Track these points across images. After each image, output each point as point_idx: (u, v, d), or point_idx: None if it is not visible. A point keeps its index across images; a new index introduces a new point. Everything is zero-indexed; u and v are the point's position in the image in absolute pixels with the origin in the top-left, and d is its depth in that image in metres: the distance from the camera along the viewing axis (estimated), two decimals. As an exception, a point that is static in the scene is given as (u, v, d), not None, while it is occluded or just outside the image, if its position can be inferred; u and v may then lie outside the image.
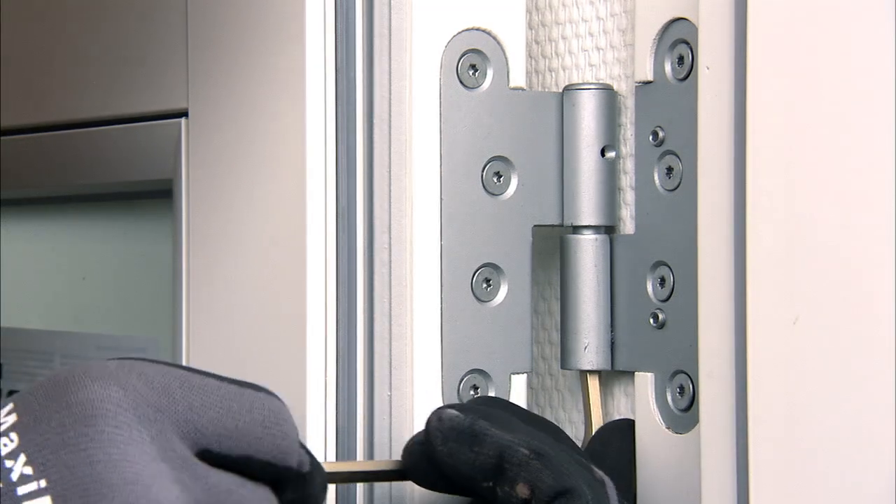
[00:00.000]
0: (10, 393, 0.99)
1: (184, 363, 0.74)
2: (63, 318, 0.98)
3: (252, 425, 0.52)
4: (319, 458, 0.65)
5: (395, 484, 0.64)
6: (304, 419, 0.66)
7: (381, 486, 0.64)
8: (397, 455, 0.63)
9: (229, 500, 0.52)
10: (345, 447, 0.66)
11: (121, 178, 0.83)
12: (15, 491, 0.48)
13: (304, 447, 0.55)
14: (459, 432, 0.57)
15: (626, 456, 0.64)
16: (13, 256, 1.00)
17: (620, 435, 0.64)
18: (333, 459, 0.66)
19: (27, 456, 0.49)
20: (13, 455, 0.49)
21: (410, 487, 0.63)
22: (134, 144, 0.80)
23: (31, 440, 0.49)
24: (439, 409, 0.58)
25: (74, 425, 0.49)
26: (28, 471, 0.48)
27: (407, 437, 0.61)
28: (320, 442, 0.66)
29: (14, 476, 0.48)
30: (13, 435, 0.49)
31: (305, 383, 0.66)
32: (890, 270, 0.52)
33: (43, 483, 0.48)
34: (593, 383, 0.66)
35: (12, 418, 0.50)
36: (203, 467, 0.51)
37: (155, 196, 0.84)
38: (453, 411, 0.57)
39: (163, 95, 0.76)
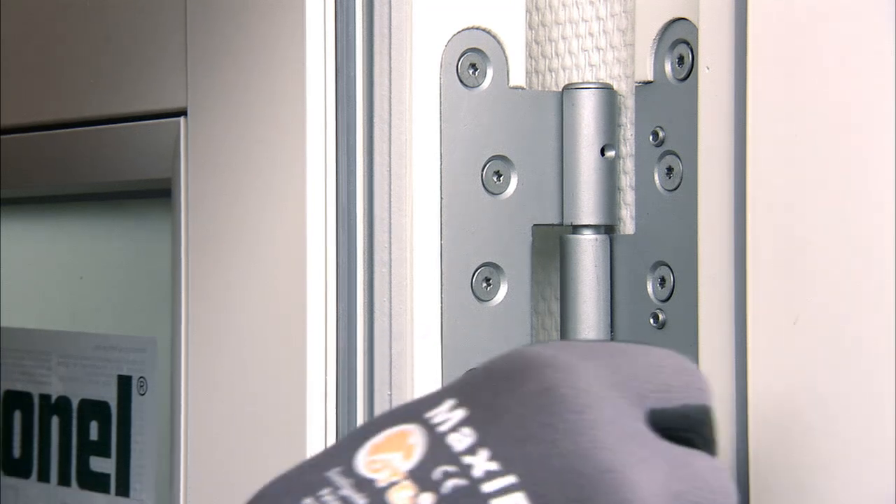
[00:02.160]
0: (8, 393, 0.99)
1: (183, 363, 0.74)
2: (61, 317, 0.98)
3: (678, 374, 0.49)
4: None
5: None
6: (304, 419, 0.66)
7: None
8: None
9: (686, 472, 0.48)
10: (344, 447, 0.66)
11: (119, 178, 0.83)
12: (479, 488, 0.45)
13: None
14: None
15: None
16: (11, 255, 1.00)
17: None
18: None
19: (490, 451, 0.46)
20: (471, 450, 0.46)
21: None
22: (133, 143, 0.79)
23: (491, 434, 0.46)
24: None
25: (536, 416, 0.46)
26: (493, 466, 0.45)
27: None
28: (320, 441, 0.66)
29: (477, 472, 0.46)
30: (467, 430, 0.47)
31: (305, 383, 0.66)
32: (890, 270, 0.52)
33: (513, 479, 0.45)
34: (593, 383, 0.66)
35: (461, 413, 0.47)
36: (659, 440, 0.48)
37: (154, 195, 0.84)
38: None
39: (162, 94, 0.76)
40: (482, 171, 0.65)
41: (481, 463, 0.46)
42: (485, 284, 0.65)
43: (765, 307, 0.55)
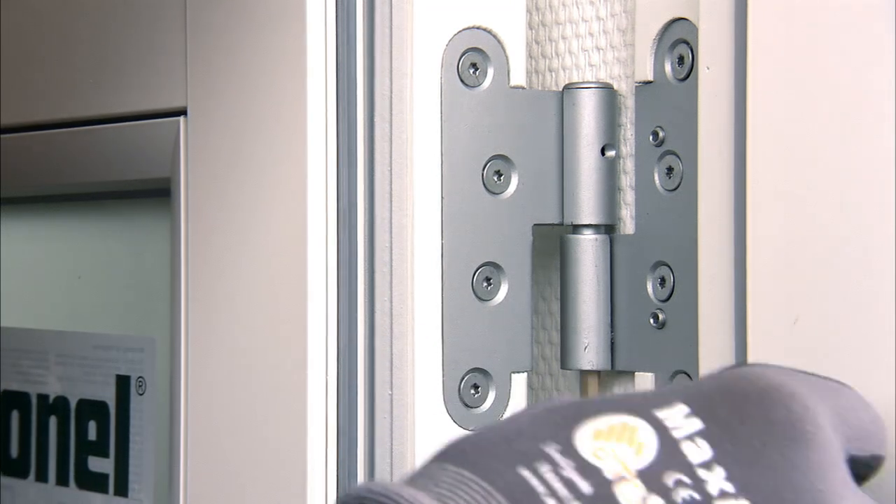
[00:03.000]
0: (6, 393, 0.99)
1: (182, 363, 0.74)
2: (59, 317, 0.98)
3: (872, 421, 0.48)
4: (320, 457, 0.65)
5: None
6: (304, 419, 0.66)
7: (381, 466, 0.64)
8: (395, 453, 0.63)
9: None
10: (345, 447, 0.66)
11: (118, 177, 0.82)
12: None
13: None
14: None
15: None
16: (9, 255, 0.99)
17: None
18: (334, 458, 0.66)
19: (727, 471, 0.44)
20: (708, 465, 0.44)
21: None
22: (132, 143, 0.79)
23: (728, 454, 0.44)
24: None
25: (776, 446, 0.44)
26: (729, 487, 0.44)
27: (408, 437, 0.62)
28: (321, 442, 0.66)
29: (712, 489, 0.44)
30: (703, 442, 0.45)
31: (306, 383, 0.66)
32: (890, 270, 0.52)
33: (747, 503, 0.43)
34: (593, 383, 0.66)
35: (698, 423, 0.45)
36: (856, 487, 0.46)
37: (153, 195, 0.83)
38: None
39: (161, 94, 0.76)
40: (483, 170, 0.65)
41: (717, 481, 0.44)
42: (485, 284, 0.65)
43: (765, 307, 0.55)
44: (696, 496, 0.43)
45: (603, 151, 0.66)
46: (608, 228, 0.67)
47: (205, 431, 0.73)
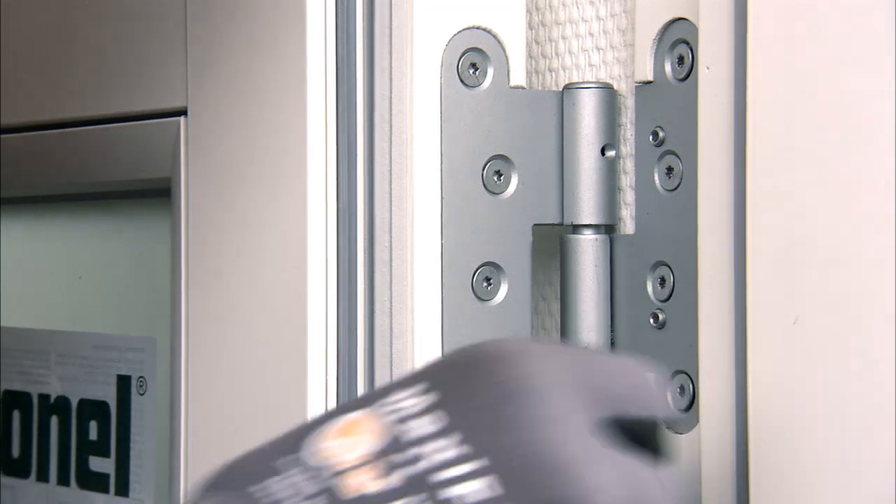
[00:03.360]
0: (7, 393, 0.99)
1: (182, 363, 0.74)
2: (60, 317, 0.98)
3: (633, 387, 0.50)
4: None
5: None
6: (304, 418, 0.66)
7: None
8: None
9: (633, 480, 0.48)
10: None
11: (119, 177, 0.83)
12: (439, 473, 0.46)
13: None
14: None
15: None
16: (10, 255, 0.99)
17: None
18: None
19: (462, 435, 0.47)
20: (445, 433, 0.47)
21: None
22: (132, 143, 0.79)
23: (463, 418, 0.47)
24: None
25: (506, 404, 0.47)
26: (466, 450, 0.46)
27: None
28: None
29: (450, 454, 0.46)
30: (441, 413, 0.47)
31: (306, 383, 0.66)
32: (890, 270, 0.52)
33: (485, 462, 0.46)
34: (593, 383, 0.66)
35: (433, 397, 0.48)
36: (608, 444, 0.48)
37: (153, 195, 0.84)
38: None
39: (162, 94, 0.76)
40: (483, 170, 0.65)
41: (453, 446, 0.47)
42: (485, 284, 0.65)
43: (765, 307, 0.55)
44: (422, 466, 0.46)
45: (603, 151, 0.66)
46: (608, 228, 0.67)
47: (205, 431, 0.73)
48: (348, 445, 0.48)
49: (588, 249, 0.66)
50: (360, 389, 0.66)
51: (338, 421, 0.49)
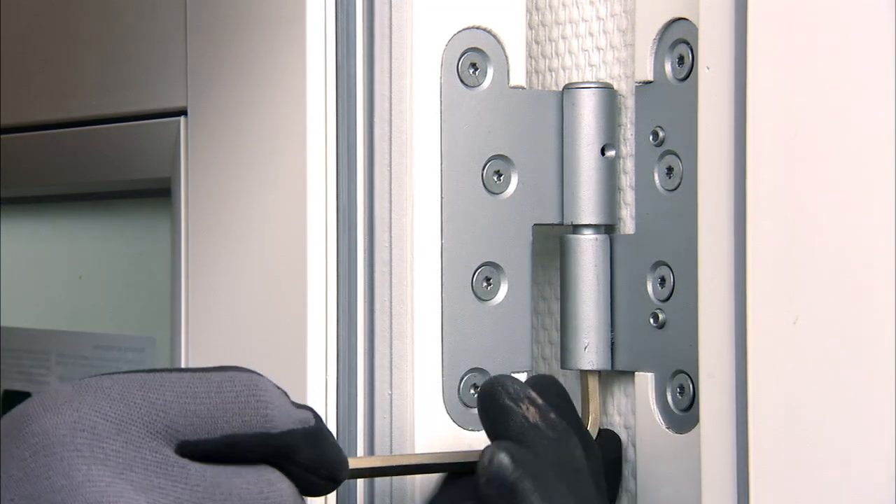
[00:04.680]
0: (7, 393, 0.99)
1: (183, 363, 0.74)
2: (60, 317, 0.98)
3: (225, 403, 0.51)
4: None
5: (396, 480, 0.63)
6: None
7: (381, 482, 0.64)
8: (395, 453, 0.63)
9: (218, 492, 0.51)
10: (345, 446, 0.66)
11: (119, 177, 0.82)
12: None
13: (301, 406, 0.54)
14: (501, 485, 0.56)
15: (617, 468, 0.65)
16: (10, 255, 0.99)
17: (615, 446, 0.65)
18: None
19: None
20: None
21: (412, 484, 0.63)
22: (133, 143, 0.79)
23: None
24: (496, 445, 0.57)
25: (35, 456, 0.49)
26: None
27: (407, 436, 0.61)
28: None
29: None
30: None
31: (305, 383, 0.66)
32: (890, 270, 0.52)
33: None
34: (593, 383, 0.66)
35: None
36: (183, 465, 0.51)
37: (154, 195, 0.83)
38: (505, 459, 0.56)
39: (162, 94, 0.76)
40: (482, 170, 0.65)
41: None
42: (485, 284, 0.65)
43: (765, 307, 0.55)
44: None
45: (603, 151, 0.66)
46: (608, 228, 0.67)
47: (205, 431, 0.73)
48: None
49: (588, 249, 0.66)
50: (360, 389, 0.66)
51: None
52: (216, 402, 0.51)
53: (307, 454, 0.53)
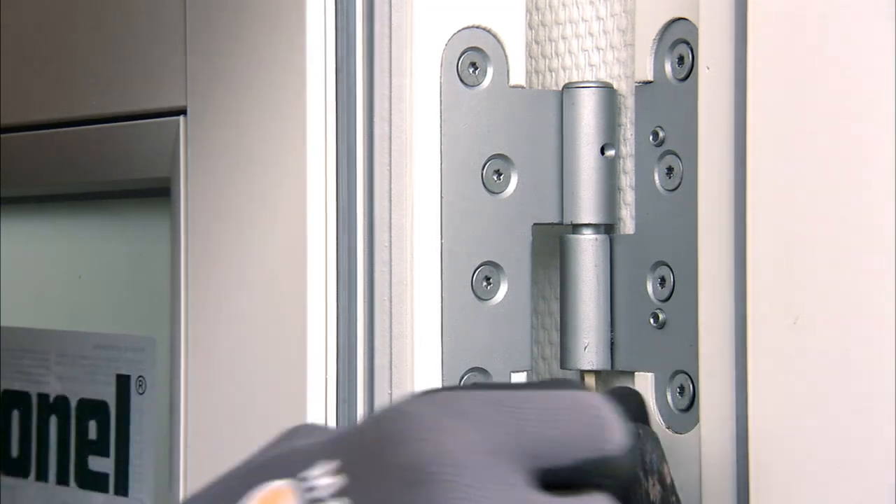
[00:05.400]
0: (6, 392, 0.99)
1: (182, 362, 0.74)
2: (59, 316, 0.98)
3: (576, 427, 0.47)
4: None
5: None
6: (304, 419, 0.66)
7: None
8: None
9: None
10: (344, 446, 0.66)
11: (118, 177, 0.83)
12: None
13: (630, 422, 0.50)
14: None
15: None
16: (10, 255, 0.99)
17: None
18: None
19: None
20: None
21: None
22: (132, 142, 0.79)
23: None
24: None
25: (406, 492, 0.45)
26: None
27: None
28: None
29: None
30: (346, 500, 0.45)
31: (305, 382, 0.66)
32: (890, 270, 0.52)
33: None
34: (593, 383, 0.66)
35: (341, 481, 0.46)
36: (542, 497, 0.46)
37: (153, 195, 0.84)
38: None
39: (161, 93, 0.76)
40: (482, 169, 0.65)
41: None
42: (485, 283, 0.65)
43: (765, 307, 0.55)
44: None
45: (603, 151, 0.66)
46: (608, 228, 0.67)
47: (205, 431, 0.73)
48: None
49: (588, 249, 0.66)
50: (360, 389, 0.66)
51: (264, 489, 0.47)
52: (568, 426, 0.47)
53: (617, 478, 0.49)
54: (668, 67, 0.64)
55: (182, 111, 0.75)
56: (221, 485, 0.49)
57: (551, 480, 0.47)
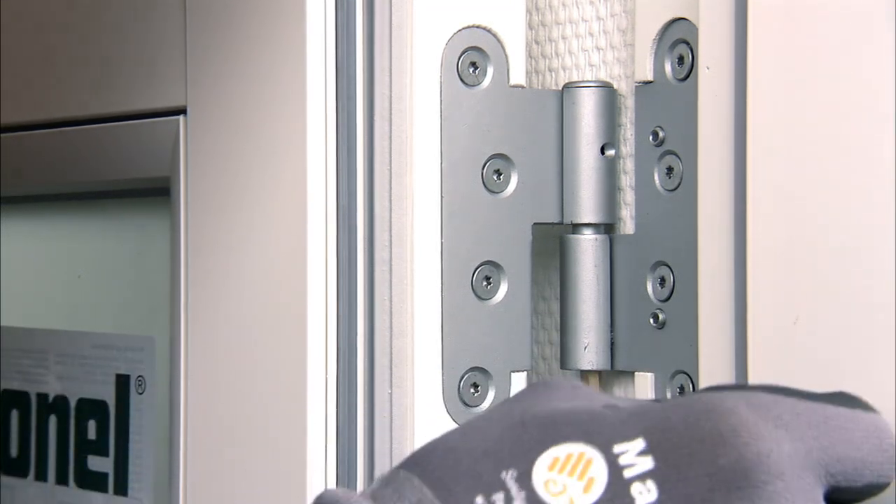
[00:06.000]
0: (5, 392, 0.99)
1: (181, 362, 0.74)
2: (58, 316, 0.98)
3: (873, 450, 0.47)
4: (320, 456, 0.65)
5: None
6: (304, 418, 0.66)
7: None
8: (395, 452, 0.63)
9: None
10: (345, 446, 0.66)
11: (118, 176, 0.83)
12: None
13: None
14: None
15: None
16: (9, 255, 0.99)
17: None
18: (333, 457, 0.66)
19: None
20: None
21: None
22: (132, 142, 0.79)
23: (673, 498, 0.44)
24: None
25: (723, 494, 0.44)
26: None
27: (407, 436, 0.61)
28: (320, 440, 0.66)
29: None
30: (651, 484, 0.44)
31: (305, 382, 0.66)
32: (890, 270, 0.52)
33: None
34: (593, 383, 0.66)
35: (649, 463, 0.45)
36: None
37: (153, 194, 0.83)
38: None
39: (161, 92, 0.76)
40: (482, 169, 0.65)
41: None
42: (485, 283, 0.65)
43: (765, 307, 0.55)
44: None
45: (603, 151, 0.66)
46: (608, 228, 0.67)
47: (205, 431, 0.73)
48: (579, 487, 0.45)
49: (588, 249, 0.66)
50: (360, 389, 0.66)
51: (569, 447, 0.46)
52: (869, 451, 0.47)
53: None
54: (668, 67, 0.64)
55: (182, 111, 0.75)
56: (489, 436, 0.46)
57: (835, 498, 0.47)
